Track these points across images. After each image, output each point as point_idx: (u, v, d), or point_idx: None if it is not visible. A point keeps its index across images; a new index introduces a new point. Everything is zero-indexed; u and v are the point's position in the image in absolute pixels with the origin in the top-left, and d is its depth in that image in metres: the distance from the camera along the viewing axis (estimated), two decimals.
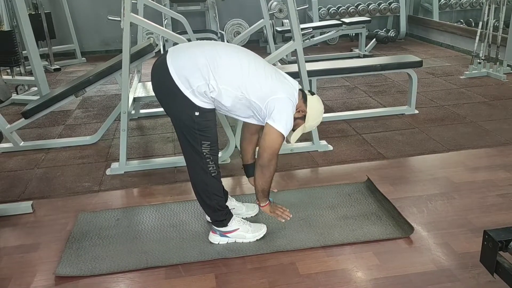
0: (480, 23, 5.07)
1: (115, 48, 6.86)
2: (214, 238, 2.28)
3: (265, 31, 5.93)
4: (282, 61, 5.83)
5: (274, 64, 3.88)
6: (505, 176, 2.88)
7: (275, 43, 5.76)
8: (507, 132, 3.55)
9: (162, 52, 5.41)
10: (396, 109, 4.13)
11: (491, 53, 5.07)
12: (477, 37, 5.13)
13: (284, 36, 6.57)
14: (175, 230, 2.39)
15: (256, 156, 2.26)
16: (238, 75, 2.01)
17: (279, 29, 6.39)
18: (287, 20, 6.62)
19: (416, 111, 4.06)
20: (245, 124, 2.31)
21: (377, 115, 4.02)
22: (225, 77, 1.98)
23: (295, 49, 3.15)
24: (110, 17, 4.73)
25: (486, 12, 4.98)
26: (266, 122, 2.04)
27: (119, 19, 3.19)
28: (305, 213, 2.51)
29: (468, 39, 6.05)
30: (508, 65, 5.14)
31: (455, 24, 7.07)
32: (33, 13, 5.77)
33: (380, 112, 4.07)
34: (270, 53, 4.14)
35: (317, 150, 3.35)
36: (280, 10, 6.72)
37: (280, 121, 2.02)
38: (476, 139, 3.46)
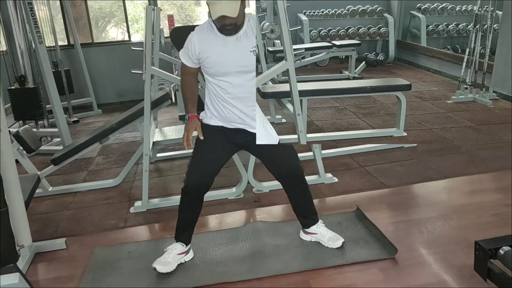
0: (467, 50, 5.35)
1: (129, 99, 7.25)
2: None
3: (257, 51, 6.27)
4: (273, 81, 6.07)
5: (265, 83, 4.13)
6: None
7: (266, 62, 6.02)
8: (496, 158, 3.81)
9: (173, 100, 5.77)
10: (384, 131, 4.31)
11: (477, 79, 5.30)
12: (464, 63, 5.39)
13: (276, 56, 6.69)
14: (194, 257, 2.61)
15: None
16: None
17: (270, 49, 6.62)
18: (279, 41, 6.85)
19: (405, 134, 4.27)
20: None
21: (366, 137, 4.21)
22: None
23: (287, 69, 3.24)
24: (133, 71, 5.10)
25: (473, 39, 5.26)
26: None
27: (141, 72, 3.56)
28: (300, 241, 2.70)
29: (455, 65, 6.29)
30: (494, 91, 5.37)
31: (442, 50, 7.37)
32: (53, 70, 6.22)
33: (369, 134, 4.27)
34: (261, 72, 4.16)
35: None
36: (272, 31, 6.84)
37: None
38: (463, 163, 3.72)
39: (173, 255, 2.50)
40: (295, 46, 6.21)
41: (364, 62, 6.96)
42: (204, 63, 2.31)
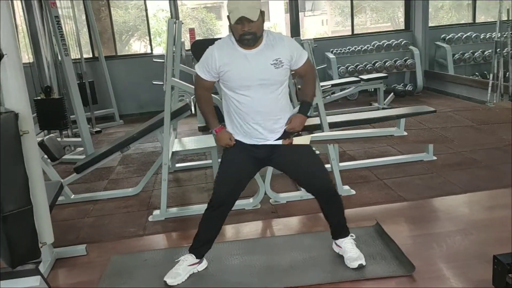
0: (491, 75, 5.38)
1: (149, 110, 7.39)
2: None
3: (288, 89, 6.38)
4: None
5: None
6: None
7: (297, 100, 6.17)
8: None
9: (193, 112, 5.86)
10: (414, 156, 4.32)
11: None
12: (489, 88, 5.41)
13: None
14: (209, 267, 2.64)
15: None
16: None
17: (300, 86, 6.83)
18: None
19: (434, 158, 4.26)
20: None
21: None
22: None
23: (317, 103, 3.51)
24: (154, 82, 5.22)
25: (496, 65, 5.30)
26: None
27: (162, 83, 3.64)
28: (317, 253, 2.70)
29: (482, 90, 6.29)
30: None
31: (470, 77, 7.40)
32: (78, 82, 6.40)
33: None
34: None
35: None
36: None
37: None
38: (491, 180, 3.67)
39: (183, 266, 2.52)
40: (323, 83, 6.32)
41: (392, 93, 7.05)
42: (224, 76, 2.30)
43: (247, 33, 2.18)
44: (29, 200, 2.13)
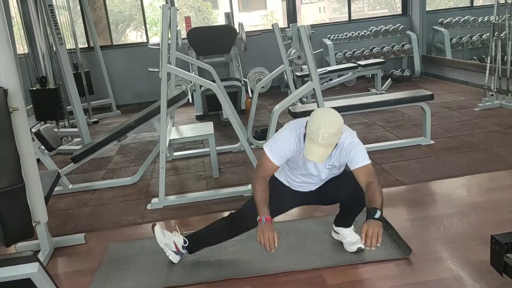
0: (489, 58, 5.36)
1: (147, 100, 7.36)
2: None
3: (285, 76, 6.35)
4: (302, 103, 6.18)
5: (294, 104, 4.27)
6: None
7: (295, 87, 6.15)
8: None
9: (190, 100, 5.83)
10: (412, 140, 4.35)
11: (502, 86, 5.30)
12: (487, 71, 5.39)
13: (304, 80, 6.98)
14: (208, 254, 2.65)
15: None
16: None
17: (298, 74, 6.81)
18: (306, 66, 7.06)
19: (432, 142, 4.28)
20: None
21: (394, 147, 4.25)
22: None
23: (313, 88, 3.50)
24: (150, 69, 5.20)
25: (493, 47, 5.27)
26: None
27: (158, 70, 3.62)
28: (315, 238, 2.71)
29: (480, 74, 6.26)
30: None
31: (467, 61, 7.36)
32: (74, 72, 6.35)
33: (397, 144, 4.31)
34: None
35: None
36: (299, 57, 7.15)
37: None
38: (489, 164, 3.66)
39: (174, 240, 2.55)
40: (321, 69, 6.27)
41: (390, 79, 7.03)
42: (288, 161, 2.41)
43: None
44: (21, 178, 2.10)
